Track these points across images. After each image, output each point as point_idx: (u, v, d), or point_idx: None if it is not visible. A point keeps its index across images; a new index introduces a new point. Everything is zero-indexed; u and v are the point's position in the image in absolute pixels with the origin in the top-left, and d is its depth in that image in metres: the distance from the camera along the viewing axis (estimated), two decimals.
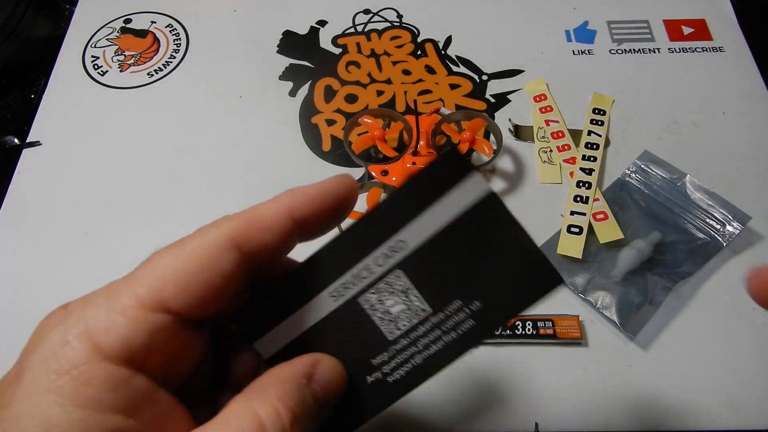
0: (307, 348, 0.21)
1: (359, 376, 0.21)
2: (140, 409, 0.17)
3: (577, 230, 0.41)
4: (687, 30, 0.54)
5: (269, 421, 0.18)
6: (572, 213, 0.42)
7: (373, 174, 0.42)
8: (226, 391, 0.21)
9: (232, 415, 0.18)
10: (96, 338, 0.17)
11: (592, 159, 0.45)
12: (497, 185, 0.45)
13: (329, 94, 0.51)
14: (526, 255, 0.20)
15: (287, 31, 0.55)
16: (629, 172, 0.45)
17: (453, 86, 0.51)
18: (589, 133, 0.47)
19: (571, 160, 0.45)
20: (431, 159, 0.20)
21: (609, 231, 0.41)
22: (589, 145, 0.46)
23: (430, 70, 0.52)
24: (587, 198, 0.43)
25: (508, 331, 0.37)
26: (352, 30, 0.55)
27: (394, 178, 0.42)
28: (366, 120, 0.44)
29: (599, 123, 0.47)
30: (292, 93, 0.51)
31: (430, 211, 0.19)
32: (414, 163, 0.39)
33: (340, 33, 0.55)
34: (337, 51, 0.54)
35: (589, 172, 0.44)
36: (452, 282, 0.20)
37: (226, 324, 0.22)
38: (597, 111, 0.48)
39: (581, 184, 0.44)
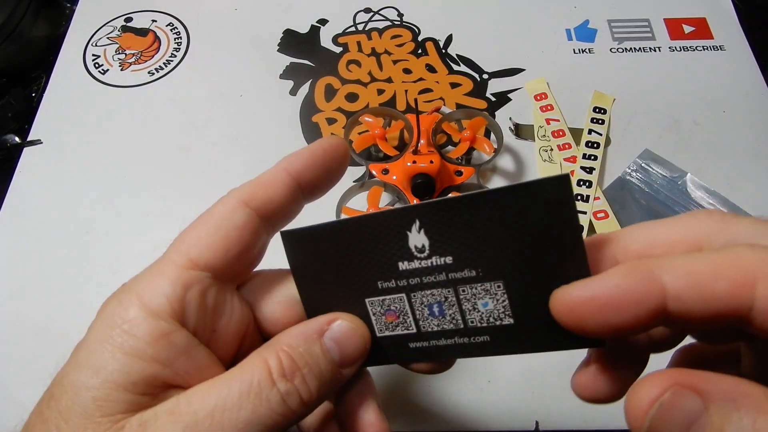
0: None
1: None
2: (177, 361, 0.20)
3: None
4: (688, 29, 0.54)
5: (274, 367, 0.20)
6: None
7: (374, 173, 0.42)
8: None
9: (247, 364, 0.20)
10: (143, 298, 0.20)
11: (592, 158, 0.45)
12: (498, 184, 0.45)
13: (330, 92, 0.51)
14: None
15: (288, 29, 0.55)
16: (630, 170, 0.45)
17: (453, 85, 0.51)
18: (590, 131, 0.47)
19: (572, 159, 0.45)
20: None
21: (609, 229, 0.41)
22: (590, 144, 0.46)
23: (431, 68, 0.52)
24: (588, 196, 0.43)
25: None
26: (353, 29, 0.55)
27: (394, 177, 0.42)
28: (366, 119, 0.44)
29: (600, 122, 0.47)
30: (293, 92, 0.51)
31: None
32: (414, 162, 0.39)
33: (340, 32, 0.55)
34: (338, 50, 0.54)
35: (590, 170, 0.44)
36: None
37: None
38: (598, 110, 0.48)
39: (582, 183, 0.44)
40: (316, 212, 0.47)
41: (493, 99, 0.50)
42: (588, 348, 0.21)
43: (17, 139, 0.49)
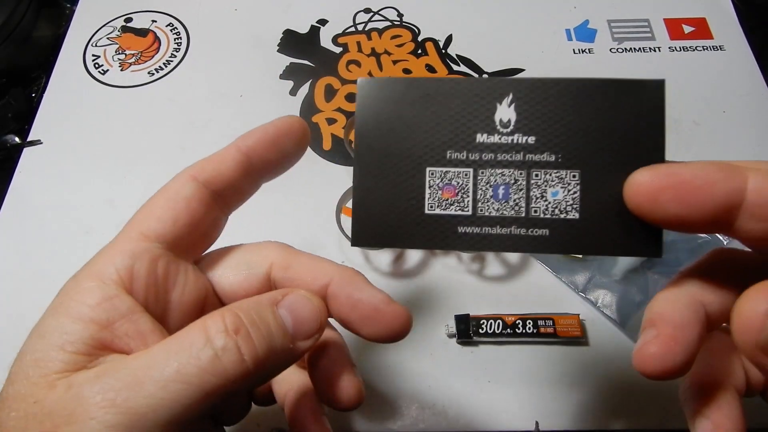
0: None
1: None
2: (118, 324, 0.20)
3: None
4: (687, 29, 0.54)
5: (213, 326, 0.19)
6: None
7: None
8: None
9: (186, 328, 0.19)
10: (94, 270, 0.21)
11: None
12: None
13: (330, 93, 0.51)
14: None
15: (288, 30, 0.55)
16: None
17: None
18: None
19: None
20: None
21: None
22: None
23: (431, 69, 0.52)
24: None
25: (508, 330, 0.37)
26: (353, 29, 0.55)
27: None
28: None
29: None
30: (293, 92, 0.51)
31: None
32: None
33: (340, 32, 0.55)
34: (338, 50, 0.54)
35: None
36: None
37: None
38: None
39: None
40: (315, 212, 0.47)
41: None
42: (644, 256, 0.21)
43: (17, 139, 0.49)
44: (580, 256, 0.40)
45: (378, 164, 0.20)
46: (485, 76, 0.51)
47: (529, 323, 0.37)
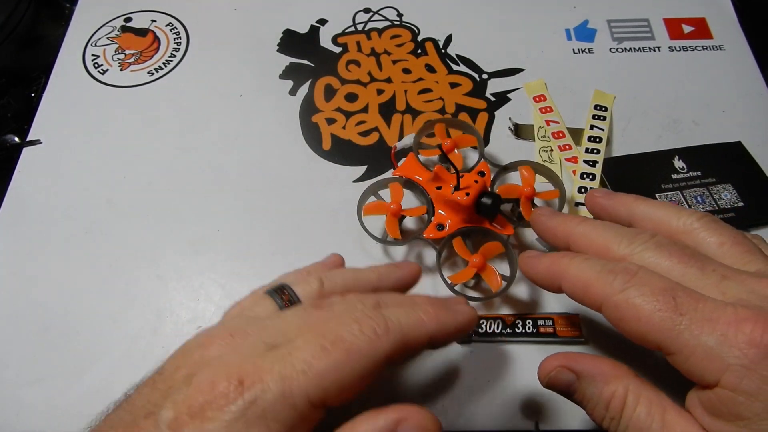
0: None
1: None
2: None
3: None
4: (687, 28, 0.54)
5: None
6: (577, 204, 0.42)
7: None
8: None
9: None
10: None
11: (595, 151, 0.45)
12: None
13: (329, 92, 0.51)
14: None
15: (287, 29, 0.55)
16: None
17: (453, 85, 0.51)
18: (592, 127, 0.47)
19: (573, 160, 0.45)
20: None
21: None
22: (592, 139, 0.46)
23: (430, 68, 0.52)
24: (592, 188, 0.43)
25: (508, 330, 0.37)
26: (353, 29, 0.55)
27: (449, 222, 0.41)
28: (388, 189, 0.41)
29: (602, 118, 0.47)
30: (293, 92, 0.51)
31: None
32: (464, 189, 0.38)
33: (340, 32, 0.55)
34: (338, 50, 0.54)
35: (593, 164, 0.44)
36: None
37: None
38: (599, 107, 0.48)
39: (585, 176, 0.44)
40: (314, 212, 0.47)
41: (493, 99, 0.50)
42: None
43: (17, 139, 0.49)
44: None
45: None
46: (485, 76, 0.51)
47: (529, 323, 0.37)
